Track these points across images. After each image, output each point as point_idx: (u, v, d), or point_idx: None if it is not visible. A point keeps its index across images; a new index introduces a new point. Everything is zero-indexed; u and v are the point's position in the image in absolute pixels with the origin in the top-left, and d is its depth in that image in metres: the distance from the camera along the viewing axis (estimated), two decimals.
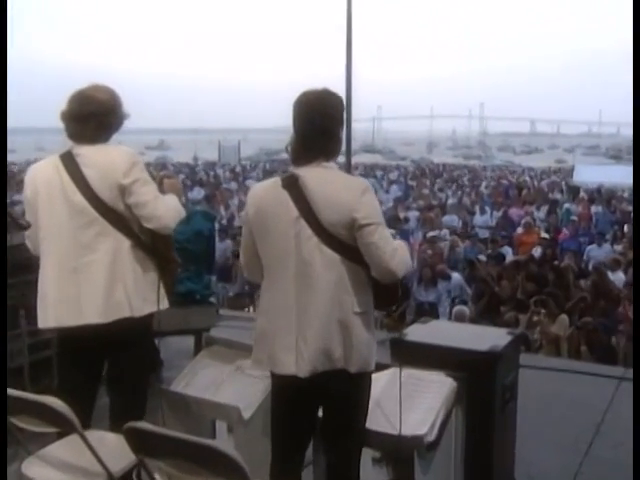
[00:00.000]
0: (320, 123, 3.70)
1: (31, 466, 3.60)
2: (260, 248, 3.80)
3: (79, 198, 4.17)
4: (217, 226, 16.77)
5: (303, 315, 3.63)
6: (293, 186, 3.66)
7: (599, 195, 29.63)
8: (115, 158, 4.22)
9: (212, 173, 46.21)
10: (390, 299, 3.94)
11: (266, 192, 3.80)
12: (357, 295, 3.66)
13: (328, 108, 3.76)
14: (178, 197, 4.67)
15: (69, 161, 4.25)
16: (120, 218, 4.22)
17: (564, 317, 11.35)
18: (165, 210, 4.29)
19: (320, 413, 3.93)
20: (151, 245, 4.35)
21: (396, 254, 3.63)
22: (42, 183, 4.31)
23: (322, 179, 3.65)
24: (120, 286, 4.21)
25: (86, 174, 4.18)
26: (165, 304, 4.44)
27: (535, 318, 11.31)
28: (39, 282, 4.33)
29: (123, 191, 4.17)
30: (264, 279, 3.83)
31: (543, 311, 11.43)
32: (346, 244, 3.61)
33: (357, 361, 3.67)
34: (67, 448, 3.70)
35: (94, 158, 4.22)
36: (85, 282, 4.19)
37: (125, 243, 4.24)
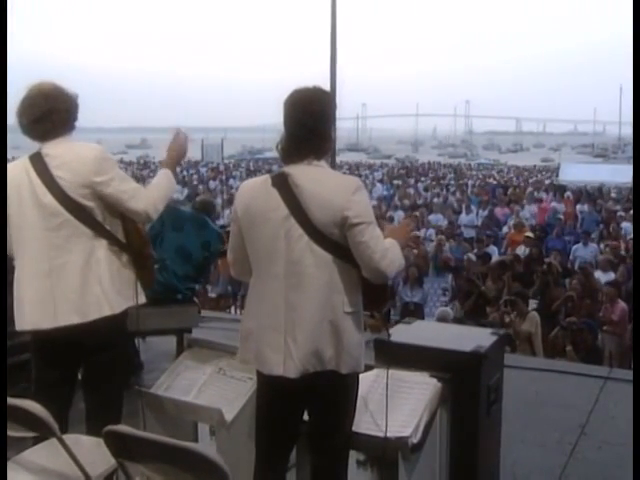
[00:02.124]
0: (310, 122, 3.64)
1: (8, 472, 3.54)
2: (249, 246, 3.76)
3: (49, 199, 4.12)
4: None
5: (292, 315, 3.59)
6: (283, 184, 3.62)
7: (586, 194, 29.76)
8: (84, 156, 4.16)
9: (193, 172, 46.22)
10: (380, 300, 3.92)
11: (255, 190, 3.75)
12: (348, 295, 3.62)
13: (318, 106, 3.70)
14: (174, 162, 4.65)
15: (38, 162, 4.20)
16: (92, 217, 4.17)
17: (534, 314, 11.37)
18: (145, 204, 4.24)
19: (306, 414, 3.89)
20: (126, 242, 4.33)
21: (387, 254, 3.58)
22: (12, 185, 4.24)
23: (313, 177, 3.61)
24: (97, 285, 4.16)
25: (55, 175, 4.13)
26: (142, 299, 4.41)
27: (507, 319, 11.31)
28: (15, 284, 4.29)
29: (97, 189, 4.12)
30: (252, 277, 3.79)
31: (514, 312, 11.44)
32: (337, 243, 3.57)
33: (348, 362, 3.63)
34: (45, 453, 3.65)
35: (63, 158, 4.17)
36: (60, 283, 4.14)
37: (99, 242, 4.20)
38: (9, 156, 4.61)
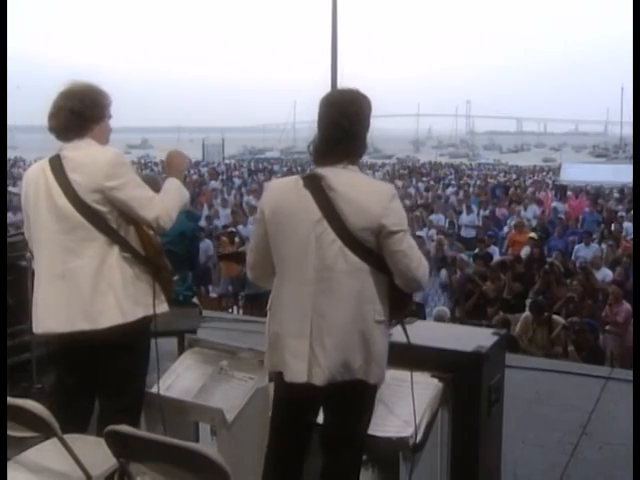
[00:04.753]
0: (347, 125, 3.58)
1: (9, 471, 3.54)
2: (275, 249, 3.68)
3: (64, 202, 4.08)
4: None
5: (321, 321, 3.53)
6: (316, 186, 3.54)
7: (587, 194, 29.79)
8: (99, 160, 4.10)
9: (194, 172, 46.15)
10: (403, 308, 3.87)
11: (285, 190, 3.68)
12: (378, 303, 3.58)
13: (356, 109, 3.65)
14: (180, 173, 4.53)
15: (56, 164, 4.17)
16: (106, 223, 4.11)
17: (559, 318, 11.40)
18: (158, 212, 4.14)
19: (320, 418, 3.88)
20: (140, 251, 4.24)
21: (422, 263, 3.57)
22: (30, 187, 4.24)
23: (348, 181, 3.54)
24: (109, 292, 4.10)
25: (71, 178, 4.09)
26: (164, 308, 4.33)
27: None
28: (34, 286, 4.27)
29: (108, 194, 4.06)
30: (276, 281, 3.73)
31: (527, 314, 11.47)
32: (371, 250, 3.52)
33: (376, 372, 3.62)
34: (46, 452, 3.64)
35: (79, 160, 4.12)
36: (72, 288, 4.10)
37: (113, 248, 4.13)
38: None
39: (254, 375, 4.36)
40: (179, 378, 4.72)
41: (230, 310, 15.47)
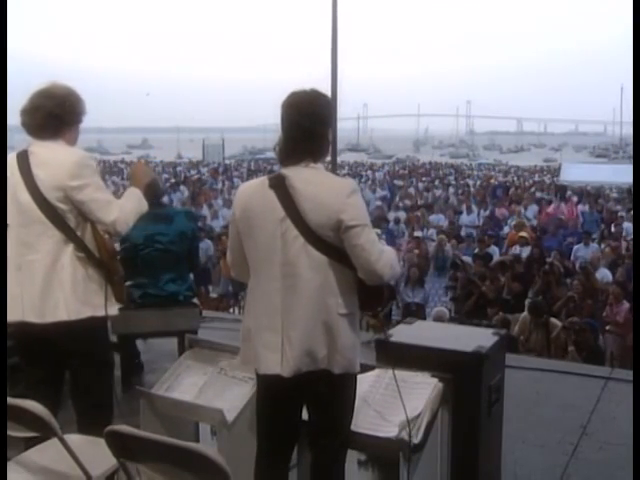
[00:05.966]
0: (307, 124, 3.66)
1: (9, 472, 3.54)
2: (246, 247, 3.78)
3: (25, 196, 4.20)
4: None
5: (288, 315, 3.61)
6: (280, 186, 3.64)
7: (587, 194, 29.80)
8: (64, 159, 4.22)
9: (195, 172, 46.14)
10: (375, 301, 3.90)
11: (253, 191, 3.78)
12: (342, 296, 3.64)
13: (316, 109, 3.73)
14: (142, 184, 4.64)
15: (22, 159, 4.28)
16: (64, 221, 4.23)
17: (555, 321, 11.38)
18: (116, 216, 4.28)
19: (305, 414, 3.90)
20: (95, 252, 4.35)
21: (382, 256, 3.61)
22: None
23: (309, 180, 3.63)
24: (59, 288, 4.22)
25: (35, 173, 4.20)
26: (114, 311, 4.43)
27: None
28: None
29: (70, 193, 4.18)
30: (250, 278, 3.81)
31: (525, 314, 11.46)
32: (332, 245, 3.59)
33: (341, 362, 3.65)
34: (46, 453, 3.66)
35: (45, 158, 4.24)
36: (26, 280, 4.22)
37: (68, 246, 4.25)
38: None
39: (254, 375, 4.35)
40: (179, 378, 4.72)
41: (230, 310, 15.47)
